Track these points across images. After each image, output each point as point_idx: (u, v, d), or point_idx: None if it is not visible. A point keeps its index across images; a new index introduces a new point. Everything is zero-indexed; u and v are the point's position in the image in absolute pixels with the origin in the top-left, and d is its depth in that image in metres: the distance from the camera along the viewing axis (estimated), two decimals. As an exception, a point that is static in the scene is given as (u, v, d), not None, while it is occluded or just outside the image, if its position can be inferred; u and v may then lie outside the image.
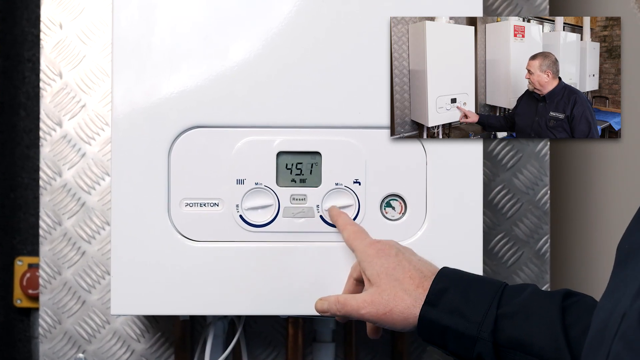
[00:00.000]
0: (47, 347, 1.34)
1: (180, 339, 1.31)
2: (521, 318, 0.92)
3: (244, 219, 1.09)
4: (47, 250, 1.33)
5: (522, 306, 0.93)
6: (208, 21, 1.10)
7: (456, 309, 0.94)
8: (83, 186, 1.34)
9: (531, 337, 0.91)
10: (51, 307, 1.33)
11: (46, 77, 1.35)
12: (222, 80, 1.09)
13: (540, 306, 0.93)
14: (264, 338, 1.35)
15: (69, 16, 1.35)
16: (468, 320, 0.94)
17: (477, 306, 0.94)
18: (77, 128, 1.34)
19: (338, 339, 1.34)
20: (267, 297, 1.10)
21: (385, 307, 0.98)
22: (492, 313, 0.93)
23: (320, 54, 1.10)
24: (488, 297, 0.94)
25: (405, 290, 0.98)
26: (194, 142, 1.09)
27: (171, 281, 1.09)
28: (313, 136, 1.10)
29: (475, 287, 0.96)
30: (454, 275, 0.98)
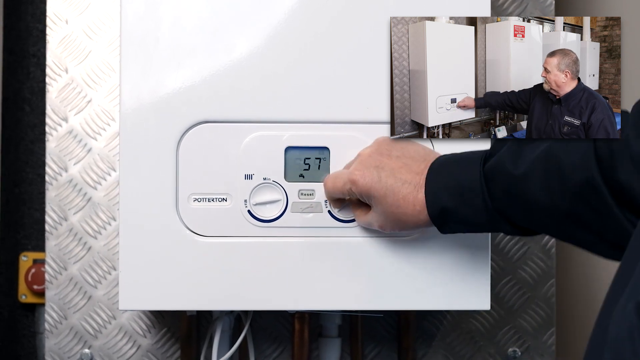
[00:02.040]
0: (53, 343, 1.34)
1: (186, 335, 1.31)
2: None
3: (252, 214, 1.09)
4: (53, 246, 1.33)
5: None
6: (215, 16, 1.10)
7: (463, 220, 0.96)
8: (89, 181, 1.34)
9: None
10: (57, 302, 1.33)
11: (52, 72, 1.35)
12: (230, 76, 1.09)
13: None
14: (269, 333, 1.35)
15: (75, 11, 1.35)
16: (477, 225, 0.96)
17: (477, 210, 0.94)
18: (83, 123, 1.34)
19: (344, 334, 1.34)
20: (275, 292, 1.09)
21: (393, 214, 1.00)
22: (490, 211, 0.94)
23: (328, 49, 1.10)
24: (479, 196, 0.94)
25: (406, 193, 0.98)
26: (202, 137, 1.09)
27: (179, 276, 1.09)
28: (321, 131, 1.10)
29: (464, 188, 0.95)
30: (440, 178, 0.98)
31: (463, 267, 1.09)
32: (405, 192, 0.98)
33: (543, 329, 1.35)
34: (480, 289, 1.10)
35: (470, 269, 1.09)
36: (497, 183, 0.92)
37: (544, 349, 1.36)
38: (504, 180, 0.92)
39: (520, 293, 1.36)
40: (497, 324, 1.36)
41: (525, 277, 1.35)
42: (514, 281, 1.36)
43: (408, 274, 1.09)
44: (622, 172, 0.82)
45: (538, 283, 1.35)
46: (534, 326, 1.36)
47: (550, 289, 1.35)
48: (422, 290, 1.09)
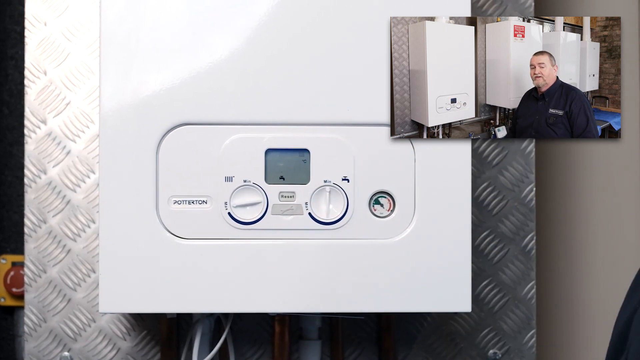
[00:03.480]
0: (32, 346, 1.33)
1: (166, 337, 1.31)
2: None
3: (232, 216, 1.09)
4: (32, 248, 1.33)
5: None
6: (196, 17, 1.09)
7: None
8: (68, 184, 1.33)
9: None
10: (36, 305, 1.33)
11: (31, 74, 1.34)
12: (211, 77, 1.09)
13: None
14: (250, 336, 1.35)
15: (54, 13, 1.34)
16: None
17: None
18: (62, 125, 1.34)
19: (324, 337, 1.34)
20: (256, 294, 1.09)
21: None
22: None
23: (308, 50, 1.10)
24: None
25: None
26: (182, 140, 1.09)
27: (159, 279, 1.08)
28: (301, 133, 1.10)
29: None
30: None
31: (443, 269, 1.09)
32: None
33: (523, 330, 1.35)
34: (461, 291, 1.11)
35: (451, 271, 1.09)
36: None
37: (524, 351, 1.36)
38: None
39: (500, 295, 1.36)
40: (478, 325, 1.36)
41: (505, 279, 1.36)
42: (494, 283, 1.36)
43: (388, 276, 1.09)
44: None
45: (518, 285, 1.36)
46: (514, 328, 1.36)
47: (530, 290, 1.35)
48: (403, 292, 1.10)
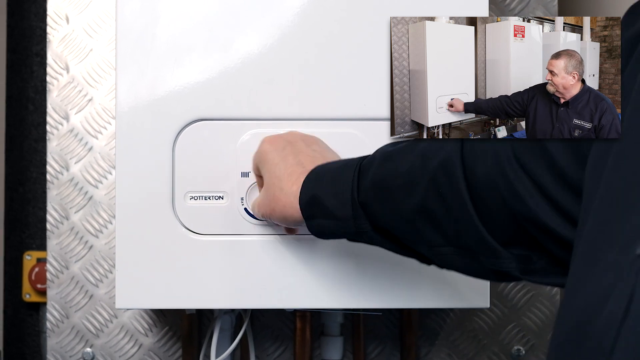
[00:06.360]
0: (54, 342, 1.34)
1: (187, 333, 1.31)
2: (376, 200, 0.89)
3: (248, 212, 1.09)
4: (54, 245, 1.33)
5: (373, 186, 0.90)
6: (212, 14, 1.09)
7: (329, 213, 0.91)
8: (90, 180, 1.34)
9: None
10: (59, 301, 1.33)
11: (53, 71, 1.35)
12: (227, 73, 1.08)
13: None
14: (271, 332, 1.34)
15: (75, 10, 1.35)
16: (342, 220, 0.91)
17: (344, 202, 0.90)
18: (84, 122, 1.34)
19: (346, 333, 1.33)
20: (274, 290, 1.09)
21: (268, 207, 0.98)
22: (356, 204, 0.89)
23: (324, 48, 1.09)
24: (349, 187, 0.90)
25: (282, 189, 0.96)
26: (198, 135, 1.09)
27: (175, 274, 1.08)
28: (317, 128, 1.09)
29: (337, 180, 0.92)
30: (319, 175, 0.95)
31: (461, 265, 1.08)
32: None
33: (547, 327, 1.34)
34: (480, 287, 1.10)
35: (469, 266, 1.08)
36: (366, 175, 0.89)
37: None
38: (373, 172, 0.89)
39: (524, 291, 1.35)
40: (501, 322, 1.35)
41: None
42: (518, 279, 1.34)
43: (408, 272, 1.08)
44: (481, 166, 0.81)
45: (542, 281, 1.34)
46: (538, 324, 1.34)
47: (554, 286, 1.34)
48: (422, 288, 1.09)
